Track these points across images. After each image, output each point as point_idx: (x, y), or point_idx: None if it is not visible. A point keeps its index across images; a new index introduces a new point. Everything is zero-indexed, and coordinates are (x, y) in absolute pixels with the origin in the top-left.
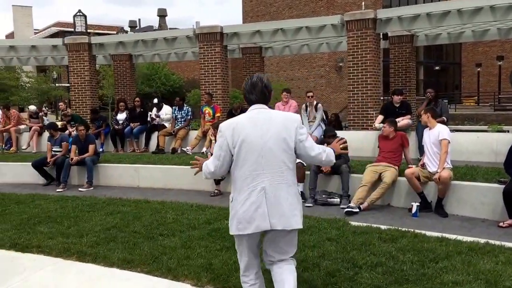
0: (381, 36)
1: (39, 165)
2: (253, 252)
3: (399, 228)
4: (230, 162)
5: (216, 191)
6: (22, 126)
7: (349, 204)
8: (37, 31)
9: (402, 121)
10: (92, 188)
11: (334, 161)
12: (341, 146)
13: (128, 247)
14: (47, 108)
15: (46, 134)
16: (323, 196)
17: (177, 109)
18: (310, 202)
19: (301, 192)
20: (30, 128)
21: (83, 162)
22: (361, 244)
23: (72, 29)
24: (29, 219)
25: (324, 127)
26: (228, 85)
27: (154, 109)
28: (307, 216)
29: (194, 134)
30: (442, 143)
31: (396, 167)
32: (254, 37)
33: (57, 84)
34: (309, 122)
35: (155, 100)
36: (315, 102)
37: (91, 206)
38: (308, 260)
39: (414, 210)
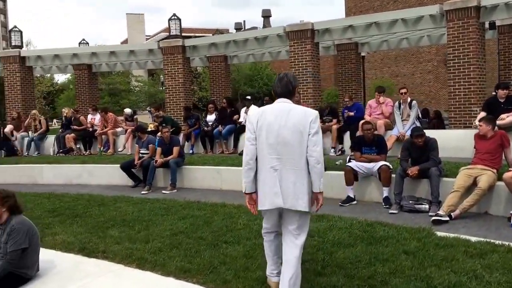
0: (487, 26)
1: (127, 167)
2: (273, 222)
3: (492, 241)
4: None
5: None
6: (119, 129)
7: (438, 212)
8: (148, 37)
9: (508, 118)
10: (175, 190)
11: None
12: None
13: (189, 255)
14: (150, 111)
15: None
16: (410, 201)
17: None
18: (395, 208)
19: (386, 197)
20: (126, 130)
21: (168, 164)
22: (442, 259)
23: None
24: (104, 222)
25: (418, 126)
26: (319, 83)
27: (243, 109)
28: (387, 224)
29: None
30: None
31: (495, 170)
32: (346, 33)
33: (164, 87)
34: (402, 120)
35: (248, 97)
36: (409, 99)
37: (167, 209)
38: (376, 276)
39: None
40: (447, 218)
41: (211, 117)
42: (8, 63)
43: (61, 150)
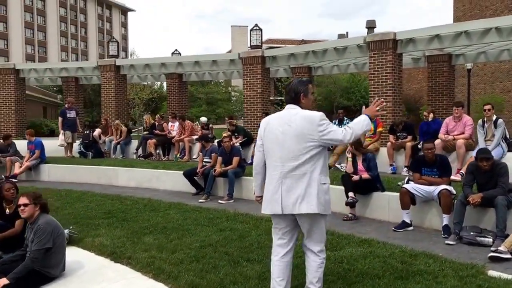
0: None
1: (190, 174)
2: (282, 226)
3: None
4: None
5: (350, 215)
6: (195, 137)
7: (499, 248)
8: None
9: None
10: (232, 201)
11: (368, 127)
12: (377, 107)
13: (204, 270)
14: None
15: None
16: (472, 233)
17: (337, 122)
18: (453, 239)
19: (445, 225)
20: None
21: (227, 174)
22: None
23: (281, 45)
24: (146, 228)
25: (504, 147)
26: (400, 97)
27: None
28: (434, 256)
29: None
30: None
31: None
32: (432, 43)
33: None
34: (486, 140)
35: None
36: (494, 117)
37: (211, 220)
38: None
39: None
40: (509, 256)
41: None
42: (105, 71)
43: (141, 155)
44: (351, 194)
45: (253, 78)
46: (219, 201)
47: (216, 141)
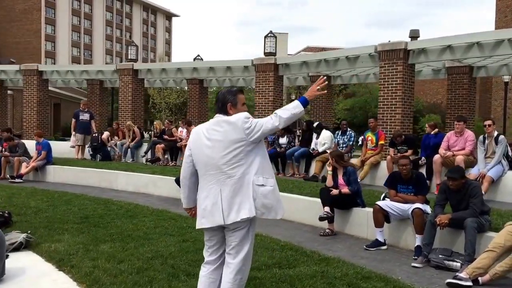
0: None
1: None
2: (211, 246)
3: None
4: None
5: (328, 230)
6: None
7: (459, 274)
8: (290, 55)
9: None
10: None
11: (296, 110)
12: (318, 87)
13: (138, 283)
14: None
15: None
16: (440, 256)
17: (340, 133)
18: (420, 261)
19: (418, 246)
20: None
21: None
22: None
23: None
24: (109, 235)
25: (505, 166)
26: (410, 109)
27: (314, 136)
28: (389, 280)
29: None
30: None
31: None
32: (444, 54)
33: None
34: (486, 158)
35: (315, 124)
36: (495, 133)
37: (181, 229)
38: None
39: None
40: (469, 283)
41: (283, 140)
42: (123, 75)
43: (149, 159)
44: (326, 208)
45: (266, 86)
46: None
47: None
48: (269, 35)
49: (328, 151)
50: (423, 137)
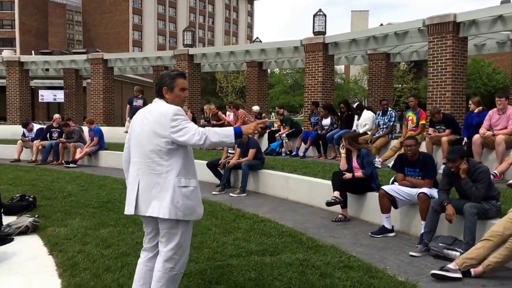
0: None
1: (213, 165)
2: (148, 233)
3: None
4: None
5: (340, 215)
6: None
7: (448, 265)
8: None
9: None
10: (244, 194)
11: (227, 140)
12: (256, 128)
13: (107, 269)
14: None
15: (266, 135)
16: (440, 244)
17: (380, 114)
18: (419, 250)
19: (383, 226)
20: None
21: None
22: None
23: None
24: (116, 219)
25: None
26: (463, 86)
27: (356, 117)
28: (370, 269)
29: (393, 144)
30: None
31: None
32: (495, 25)
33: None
34: None
35: (355, 105)
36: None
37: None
38: None
39: None
40: (458, 275)
41: (326, 121)
42: (180, 60)
43: None
44: (336, 193)
45: (315, 66)
46: (230, 194)
47: None
48: (318, 13)
49: (369, 133)
50: (466, 116)
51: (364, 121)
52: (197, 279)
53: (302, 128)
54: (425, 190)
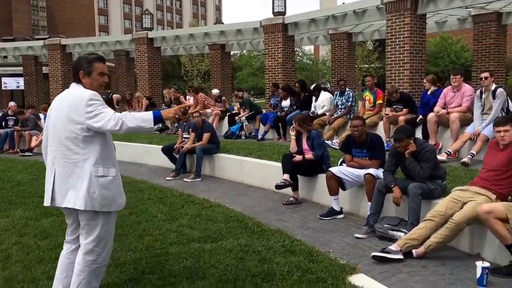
0: None
1: (168, 150)
2: (69, 225)
3: None
4: None
5: (292, 198)
6: (209, 110)
7: (389, 247)
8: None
9: None
10: (199, 179)
11: (145, 125)
12: (177, 111)
13: (41, 261)
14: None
15: (226, 118)
16: (386, 225)
17: (338, 94)
18: (365, 232)
19: (331, 208)
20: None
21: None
22: None
23: None
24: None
25: None
26: (421, 64)
27: (314, 99)
28: (311, 252)
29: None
30: None
31: (494, 197)
32: (453, 1)
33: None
34: (483, 114)
35: (313, 86)
36: (493, 87)
37: (138, 201)
38: None
39: (478, 274)
40: (399, 256)
41: (286, 103)
42: (139, 44)
43: (157, 128)
44: (285, 176)
45: (274, 47)
46: (185, 179)
47: None
48: None
49: (328, 114)
50: (422, 94)
51: (322, 102)
52: (130, 269)
53: (263, 110)
54: (371, 171)
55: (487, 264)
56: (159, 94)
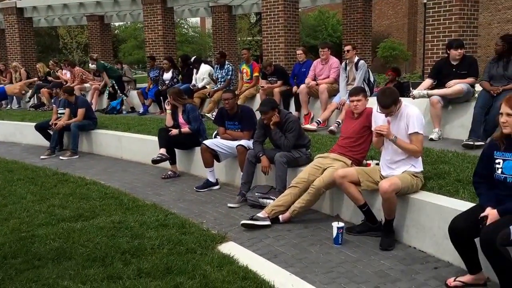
0: None
1: (43, 128)
2: None
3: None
4: None
5: (170, 172)
6: (87, 85)
7: (257, 214)
8: None
9: (456, 85)
10: (76, 156)
11: None
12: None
13: None
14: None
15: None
16: (256, 194)
17: (218, 67)
18: (237, 201)
19: (207, 180)
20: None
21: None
22: None
23: None
24: None
25: (368, 91)
26: (296, 37)
27: (194, 71)
28: (182, 224)
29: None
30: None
31: (350, 162)
32: None
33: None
34: (347, 85)
35: (192, 59)
36: (356, 59)
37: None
38: None
39: (334, 234)
40: (266, 223)
41: (167, 75)
42: (7, 15)
43: (32, 105)
44: (162, 150)
45: (154, 19)
46: (61, 157)
47: None
48: None
49: (208, 86)
50: (294, 66)
51: (202, 75)
52: None
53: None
54: (242, 142)
55: (341, 224)
56: (33, 68)
